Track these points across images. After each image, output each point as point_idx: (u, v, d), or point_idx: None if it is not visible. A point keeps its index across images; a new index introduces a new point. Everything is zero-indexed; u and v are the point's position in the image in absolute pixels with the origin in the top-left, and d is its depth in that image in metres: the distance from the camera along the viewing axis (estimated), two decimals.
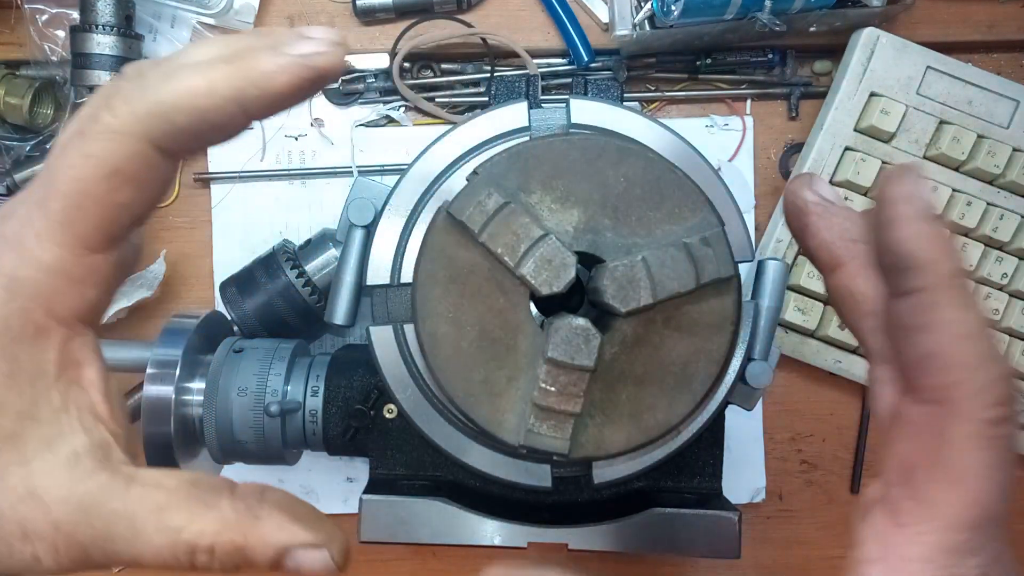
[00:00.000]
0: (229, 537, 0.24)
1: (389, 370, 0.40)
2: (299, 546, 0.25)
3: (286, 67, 0.22)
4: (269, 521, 0.24)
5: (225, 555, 0.24)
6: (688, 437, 0.40)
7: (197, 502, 0.24)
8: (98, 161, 0.22)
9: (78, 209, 0.22)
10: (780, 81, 0.60)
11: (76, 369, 0.24)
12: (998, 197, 0.56)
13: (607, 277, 0.35)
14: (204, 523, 0.23)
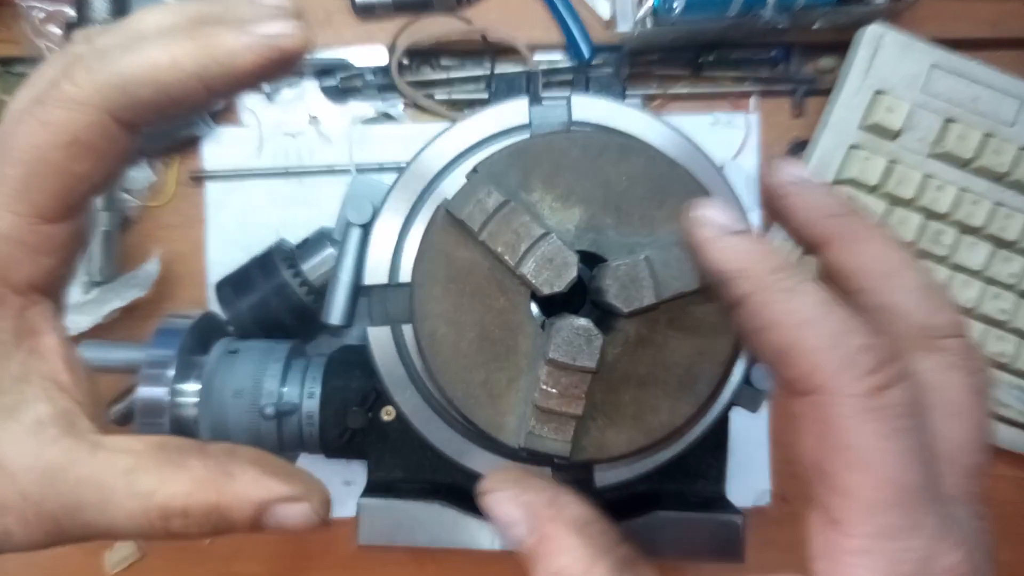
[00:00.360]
0: (203, 497, 0.23)
1: (387, 371, 0.40)
2: (278, 500, 0.24)
3: (251, 46, 0.22)
4: (243, 477, 0.24)
5: (201, 516, 0.23)
6: (692, 440, 0.39)
7: (167, 464, 0.23)
8: (57, 129, 0.22)
9: (35, 177, 0.22)
10: (784, 78, 0.59)
11: (35, 338, 0.23)
12: (1005, 195, 0.56)
13: (609, 276, 0.35)
14: (176, 485, 0.23)
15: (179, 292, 0.59)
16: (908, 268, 0.25)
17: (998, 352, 0.55)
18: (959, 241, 0.55)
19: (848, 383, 0.21)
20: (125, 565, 0.58)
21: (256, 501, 0.24)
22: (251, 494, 0.24)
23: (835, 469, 0.22)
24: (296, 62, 0.24)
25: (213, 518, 0.23)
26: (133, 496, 0.22)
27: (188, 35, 0.22)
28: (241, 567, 0.59)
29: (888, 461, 0.21)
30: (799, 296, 0.22)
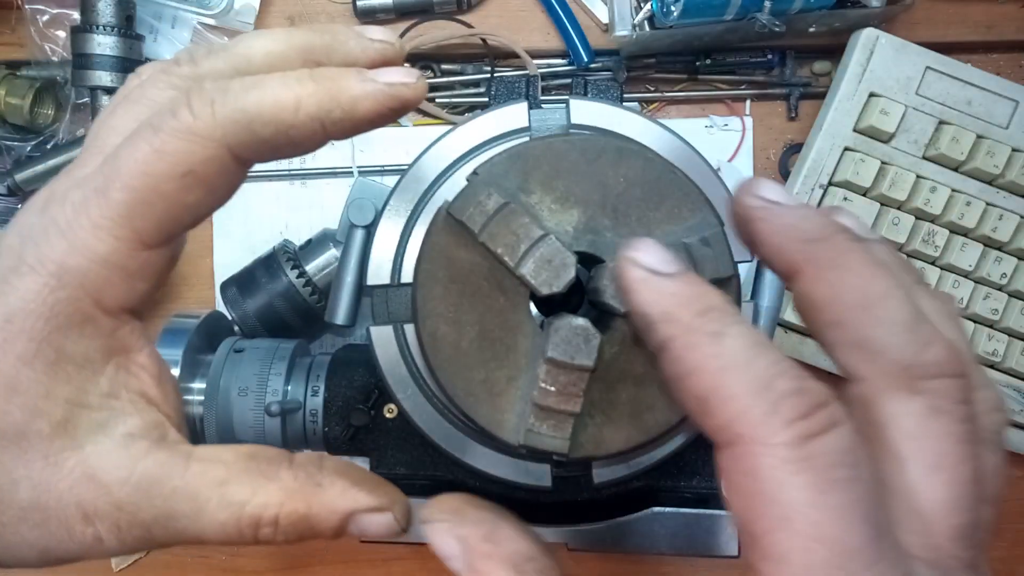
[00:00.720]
0: (293, 507, 0.24)
1: (389, 370, 0.41)
2: (363, 511, 0.25)
3: (373, 94, 0.23)
4: (331, 488, 0.24)
5: (290, 525, 0.24)
6: (688, 437, 0.40)
7: (258, 475, 0.24)
8: (174, 160, 0.21)
9: (143, 205, 0.22)
10: (779, 81, 0.60)
11: (125, 355, 0.24)
12: (997, 197, 0.56)
13: (607, 277, 0.35)
14: (267, 495, 0.23)
15: (185, 292, 0.59)
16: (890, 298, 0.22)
17: (989, 351, 0.56)
18: (951, 242, 0.56)
19: (772, 431, 0.19)
20: (130, 561, 0.59)
21: (343, 511, 0.25)
22: (339, 505, 0.25)
23: (764, 530, 0.19)
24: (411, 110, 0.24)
25: (301, 527, 0.24)
26: (226, 506, 0.23)
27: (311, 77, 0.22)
28: (245, 563, 0.60)
29: (822, 518, 0.18)
30: (724, 340, 0.20)
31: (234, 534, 0.23)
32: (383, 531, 0.26)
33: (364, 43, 0.25)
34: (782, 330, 0.57)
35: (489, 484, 0.43)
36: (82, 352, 0.22)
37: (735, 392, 0.19)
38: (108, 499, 0.22)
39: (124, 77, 0.53)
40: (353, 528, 0.25)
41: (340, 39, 0.24)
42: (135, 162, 0.21)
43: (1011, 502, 0.60)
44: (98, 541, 0.22)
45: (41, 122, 0.58)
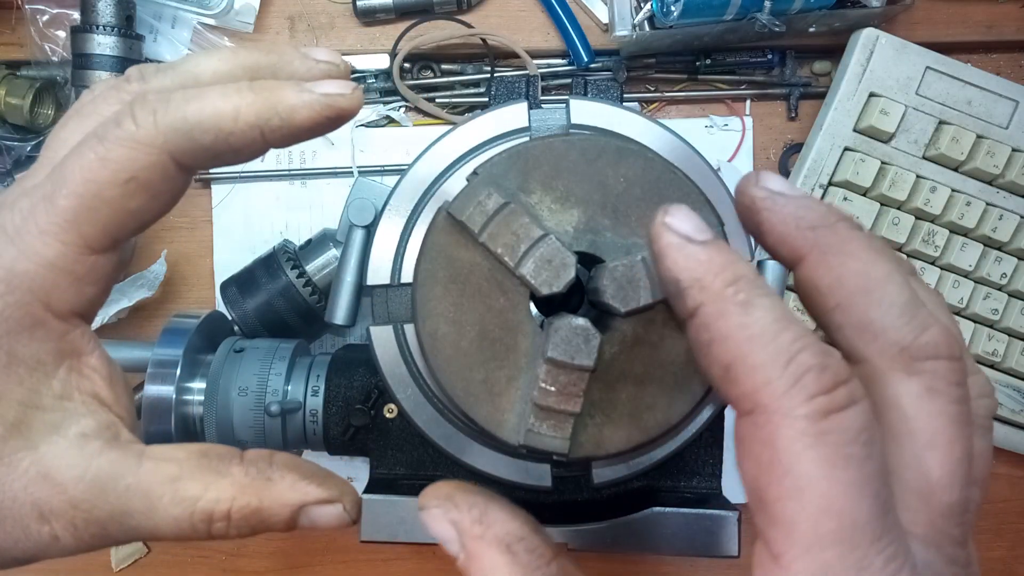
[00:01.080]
0: (244, 501, 0.24)
1: (389, 370, 0.41)
2: (313, 503, 0.26)
3: (310, 104, 0.24)
4: (281, 482, 0.25)
5: (242, 519, 0.24)
6: (688, 437, 0.40)
7: (209, 471, 0.24)
8: (116, 167, 0.22)
9: (88, 210, 0.22)
10: (779, 81, 0.60)
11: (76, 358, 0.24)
12: (997, 197, 0.56)
13: (607, 277, 0.35)
14: (219, 490, 0.24)
15: (185, 292, 0.59)
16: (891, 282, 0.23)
17: (989, 351, 0.56)
18: (951, 242, 0.56)
19: (793, 403, 0.19)
20: (131, 561, 0.59)
21: (294, 504, 0.25)
22: (289, 498, 0.25)
23: (775, 497, 0.20)
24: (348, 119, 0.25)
25: (253, 521, 0.25)
26: (178, 502, 0.24)
27: (250, 88, 0.23)
28: (245, 563, 0.60)
29: (833, 491, 0.19)
30: (753, 310, 0.21)
31: (187, 529, 0.24)
32: (333, 522, 0.26)
33: (309, 63, 0.25)
34: None
35: (489, 484, 0.43)
36: (33, 355, 0.23)
37: (760, 362, 0.20)
38: (63, 497, 0.23)
39: None
40: (304, 520, 0.26)
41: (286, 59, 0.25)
42: (80, 169, 0.22)
43: (1012, 502, 0.60)
44: (55, 539, 0.23)
45: (41, 122, 0.58)
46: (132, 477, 0.23)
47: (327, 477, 0.27)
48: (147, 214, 0.23)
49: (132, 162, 0.22)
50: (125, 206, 0.23)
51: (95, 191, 0.22)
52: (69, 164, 0.22)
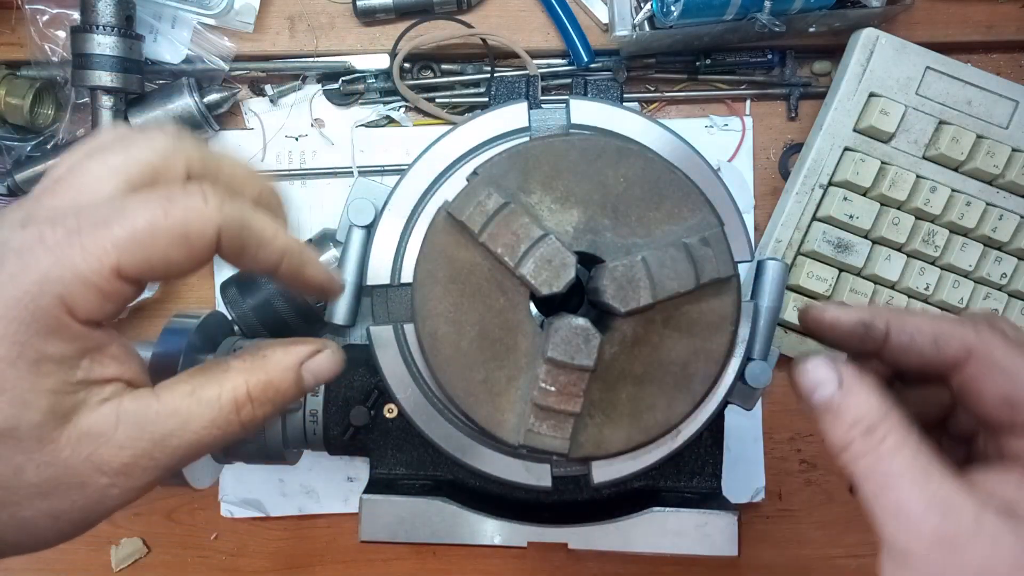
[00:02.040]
0: (255, 379, 0.28)
1: (389, 370, 0.41)
2: (307, 357, 0.30)
3: (326, 274, 0.31)
4: (274, 354, 0.29)
5: (261, 395, 0.28)
6: (688, 437, 0.40)
7: (214, 374, 0.28)
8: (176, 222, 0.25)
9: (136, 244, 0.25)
10: (779, 81, 0.60)
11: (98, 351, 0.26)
12: (997, 197, 0.56)
13: (607, 277, 0.35)
14: (232, 382, 0.28)
15: (185, 292, 0.59)
16: None
17: None
18: (951, 242, 0.56)
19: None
20: (131, 561, 0.59)
21: (293, 364, 0.29)
22: (288, 361, 0.29)
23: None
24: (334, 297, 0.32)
25: (269, 393, 0.29)
26: (205, 406, 0.27)
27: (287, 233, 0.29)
28: (245, 563, 0.60)
29: None
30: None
31: (223, 424, 0.27)
32: (330, 366, 0.30)
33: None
34: (782, 330, 0.57)
35: (489, 484, 0.43)
36: (58, 352, 0.25)
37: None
38: (109, 444, 0.26)
39: (124, 77, 0.53)
40: (307, 376, 0.30)
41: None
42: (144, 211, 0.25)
43: None
44: (111, 487, 0.26)
45: (41, 122, 0.58)
46: (157, 404, 0.27)
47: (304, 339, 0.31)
48: (175, 269, 0.26)
49: (188, 224, 0.25)
50: (166, 254, 0.25)
51: (150, 231, 0.25)
52: (132, 204, 0.25)
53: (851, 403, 0.29)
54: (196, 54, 0.56)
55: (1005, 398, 0.30)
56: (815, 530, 0.61)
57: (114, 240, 0.25)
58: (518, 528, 0.41)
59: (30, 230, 0.25)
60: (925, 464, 0.28)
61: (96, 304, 0.25)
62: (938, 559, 0.26)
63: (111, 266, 0.25)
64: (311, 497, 0.59)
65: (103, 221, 0.25)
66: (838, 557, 0.61)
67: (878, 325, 0.32)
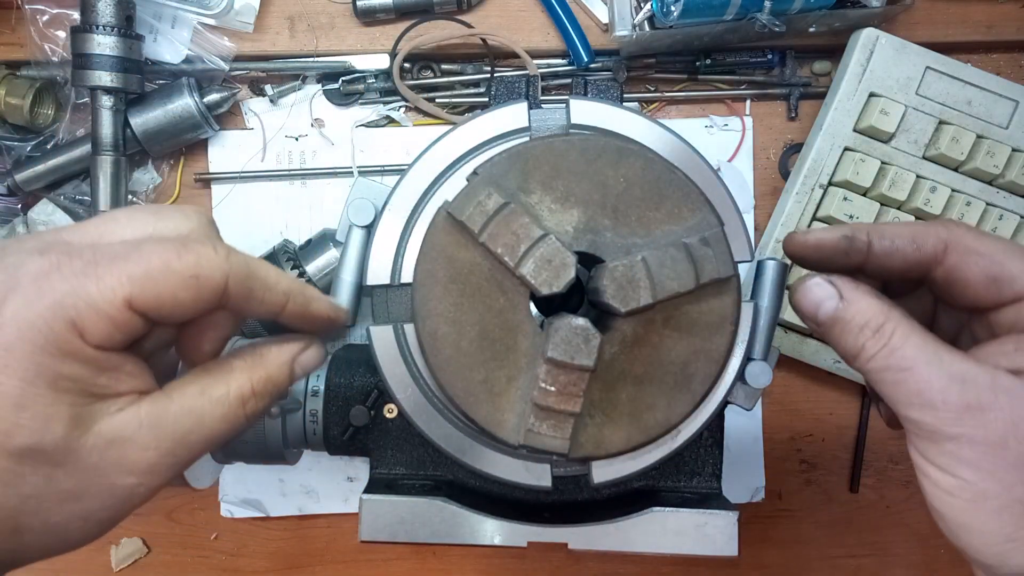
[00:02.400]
0: (257, 375, 0.31)
1: (389, 370, 0.41)
2: (298, 353, 0.33)
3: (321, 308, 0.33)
4: (270, 351, 0.32)
5: (263, 390, 0.31)
6: (688, 437, 0.40)
7: (219, 374, 0.31)
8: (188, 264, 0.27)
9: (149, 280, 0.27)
10: (779, 81, 0.60)
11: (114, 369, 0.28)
12: (997, 197, 0.56)
13: (607, 277, 0.35)
14: (236, 380, 0.31)
15: None
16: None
17: None
18: None
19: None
20: (131, 561, 0.59)
21: (288, 360, 0.33)
22: (282, 357, 0.33)
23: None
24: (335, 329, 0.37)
25: (269, 387, 0.32)
26: (216, 403, 0.30)
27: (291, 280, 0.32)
28: (245, 563, 0.60)
29: None
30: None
31: (232, 419, 0.30)
32: (315, 360, 0.34)
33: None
34: (782, 330, 0.57)
35: (489, 484, 0.43)
36: (74, 372, 0.27)
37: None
38: (135, 447, 0.28)
39: (124, 77, 0.53)
40: (298, 369, 0.33)
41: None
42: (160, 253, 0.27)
43: None
44: (137, 486, 0.28)
45: (41, 122, 0.58)
46: (174, 405, 0.29)
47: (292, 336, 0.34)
48: (181, 309, 0.28)
49: (199, 268, 0.28)
50: (176, 294, 0.27)
51: (163, 270, 0.27)
52: (148, 247, 0.27)
53: (854, 310, 0.31)
54: (196, 54, 0.56)
55: (988, 277, 0.31)
56: (815, 530, 0.61)
57: (129, 274, 0.27)
58: (518, 528, 0.41)
59: (48, 258, 0.27)
60: (935, 347, 0.29)
61: (107, 332, 0.27)
62: (968, 426, 0.28)
63: (123, 297, 0.27)
64: (311, 497, 0.59)
65: (120, 256, 0.27)
66: (838, 557, 0.61)
67: (860, 236, 0.34)
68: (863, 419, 0.60)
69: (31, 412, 0.26)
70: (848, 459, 0.61)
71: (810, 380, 0.60)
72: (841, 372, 0.58)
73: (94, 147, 0.54)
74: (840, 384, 0.60)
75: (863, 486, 0.61)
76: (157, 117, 0.55)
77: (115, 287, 0.26)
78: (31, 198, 0.58)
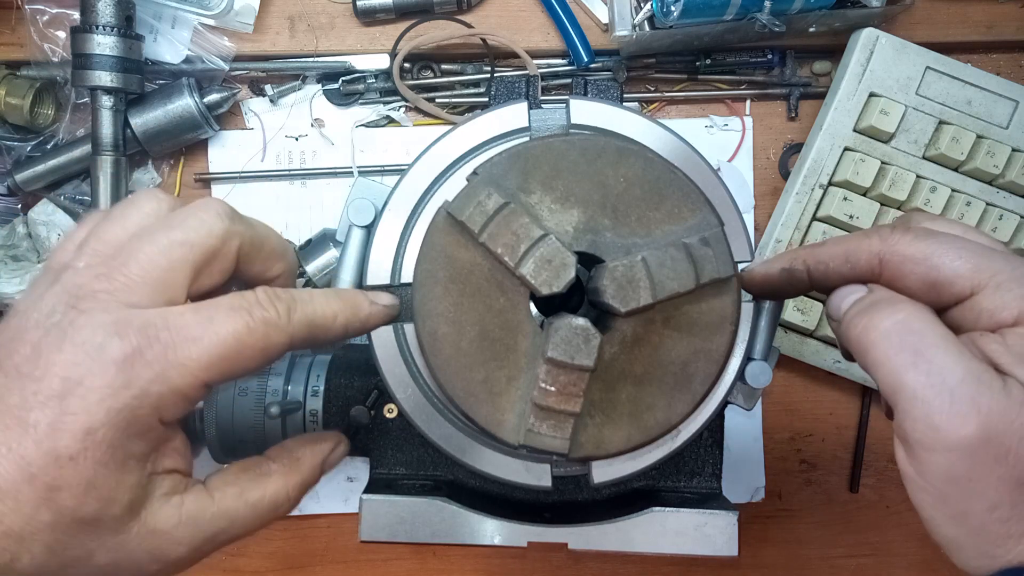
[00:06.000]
0: (293, 482, 0.33)
1: (389, 370, 0.41)
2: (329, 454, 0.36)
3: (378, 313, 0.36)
4: (304, 456, 0.35)
5: (297, 496, 0.34)
6: (688, 437, 0.40)
7: (258, 478, 0.32)
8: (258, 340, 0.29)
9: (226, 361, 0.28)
10: (779, 81, 0.60)
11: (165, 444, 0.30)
12: (997, 197, 0.56)
13: (607, 277, 0.35)
14: (273, 486, 0.33)
15: None
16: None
17: None
18: None
19: None
20: None
21: (319, 464, 0.35)
22: (316, 461, 0.35)
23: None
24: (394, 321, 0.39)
25: (303, 491, 0.34)
26: (251, 509, 0.32)
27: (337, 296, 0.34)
28: (245, 563, 0.60)
29: None
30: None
31: (264, 522, 0.32)
32: (343, 456, 0.37)
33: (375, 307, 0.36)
34: (782, 330, 0.57)
35: (489, 484, 0.43)
36: (142, 450, 0.28)
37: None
38: (170, 541, 0.29)
39: (124, 77, 0.53)
40: (327, 469, 0.36)
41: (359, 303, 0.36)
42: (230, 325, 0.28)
43: None
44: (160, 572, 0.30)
45: (41, 122, 0.58)
46: (214, 507, 0.31)
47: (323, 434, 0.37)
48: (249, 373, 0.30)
49: (268, 339, 0.29)
50: (247, 365, 0.29)
51: (237, 348, 0.28)
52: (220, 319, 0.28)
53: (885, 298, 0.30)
54: (196, 54, 0.56)
55: (925, 284, 0.30)
56: (815, 530, 0.61)
57: (208, 357, 0.28)
58: (518, 528, 0.41)
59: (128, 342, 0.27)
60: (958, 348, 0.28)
61: (181, 409, 0.28)
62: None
63: (203, 380, 0.28)
64: (311, 497, 0.59)
65: (195, 338, 0.28)
66: (837, 557, 0.61)
67: (797, 266, 0.34)
68: (863, 419, 0.60)
69: (98, 492, 0.27)
70: (848, 459, 0.61)
71: (810, 380, 0.60)
72: (841, 372, 0.58)
73: (94, 147, 0.54)
74: (840, 384, 0.60)
75: (863, 486, 0.61)
76: (157, 117, 0.55)
77: (196, 371, 0.28)
78: (31, 198, 0.58)
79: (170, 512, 0.29)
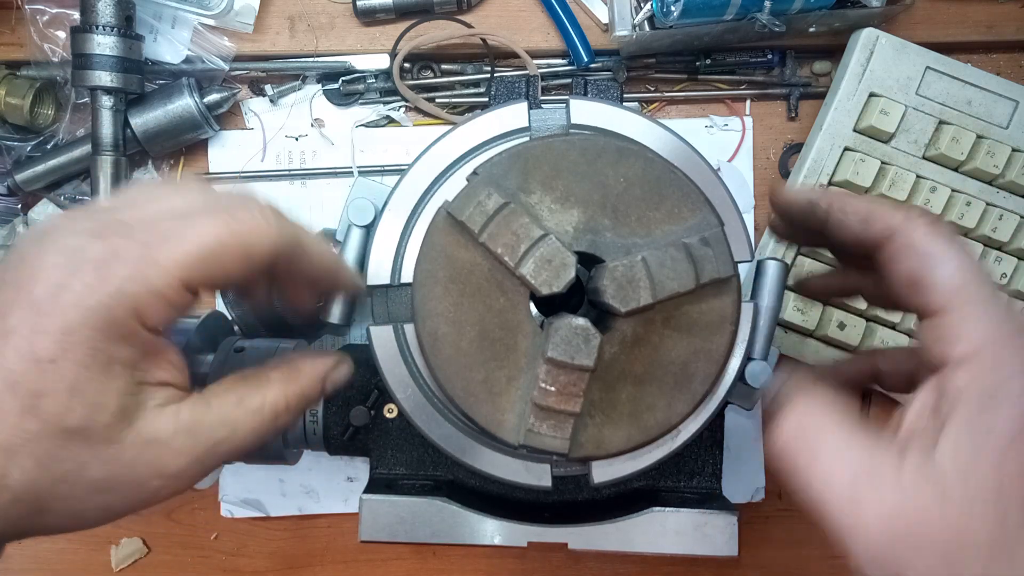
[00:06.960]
0: (293, 391, 0.32)
1: (389, 370, 0.41)
2: (330, 369, 0.34)
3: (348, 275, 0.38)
4: (305, 367, 0.34)
5: (296, 404, 0.32)
6: (688, 437, 0.40)
7: (257, 385, 0.32)
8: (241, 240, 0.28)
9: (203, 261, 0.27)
10: (779, 81, 0.60)
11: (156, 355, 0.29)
12: (997, 197, 0.56)
13: (607, 277, 0.35)
14: (272, 394, 0.32)
15: None
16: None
17: None
18: None
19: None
20: (131, 561, 0.59)
21: (321, 375, 0.34)
22: (317, 372, 0.34)
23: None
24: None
25: (302, 402, 0.33)
26: (251, 415, 0.31)
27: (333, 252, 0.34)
28: (245, 563, 0.60)
29: None
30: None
31: (263, 432, 0.31)
32: (344, 377, 0.35)
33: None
34: (782, 330, 0.57)
35: (489, 484, 0.43)
36: (127, 356, 0.27)
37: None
38: (168, 451, 0.28)
39: (124, 77, 0.53)
40: (329, 385, 0.34)
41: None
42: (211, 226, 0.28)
43: None
44: (163, 488, 0.29)
45: (41, 122, 0.58)
46: (211, 415, 0.30)
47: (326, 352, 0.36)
48: (232, 279, 0.29)
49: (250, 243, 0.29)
50: (228, 267, 0.28)
51: (217, 247, 0.28)
52: (201, 221, 0.28)
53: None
54: (196, 54, 0.56)
55: (910, 277, 0.30)
56: (815, 530, 0.60)
57: (185, 253, 0.27)
58: (518, 528, 0.41)
59: (107, 242, 0.27)
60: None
61: (163, 313, 0.27)
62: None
63: (181, 279, 0.27)
64: (311, 497, 0.59)
65: (174, 236, 0.27)
66: (837, 557, 0.60)
67: (821, 204, 0.35)
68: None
69: (82, 397, 0.26)
70: None
71: None
72: None
73: (94, 147, 0.54)
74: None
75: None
76: (157, 117, 0.55)
77: (173, 270, 0.27)
78: (31, 198, 0.58)
79: (166, 420, 0.28)
